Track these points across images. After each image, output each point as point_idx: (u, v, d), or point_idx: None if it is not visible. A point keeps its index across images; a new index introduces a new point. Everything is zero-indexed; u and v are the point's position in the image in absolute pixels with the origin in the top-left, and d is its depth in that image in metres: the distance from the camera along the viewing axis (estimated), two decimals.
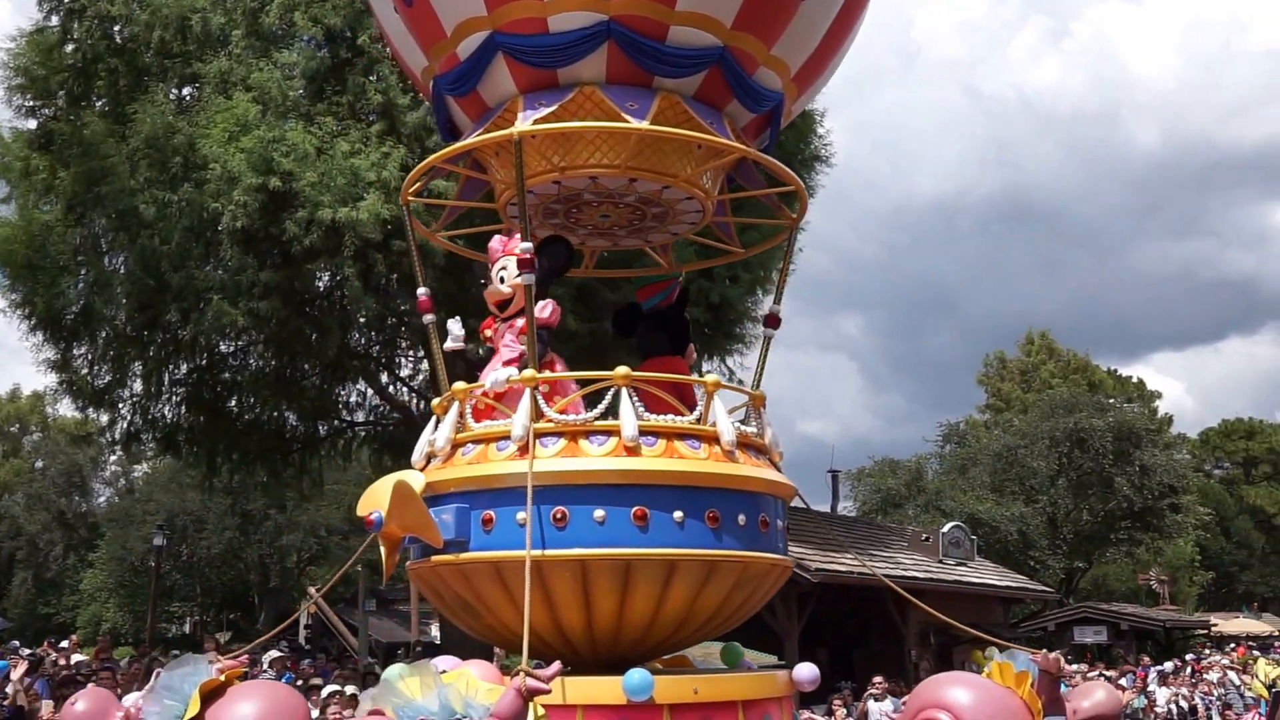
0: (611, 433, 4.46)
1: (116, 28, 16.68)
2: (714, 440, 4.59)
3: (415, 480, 4.43)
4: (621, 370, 4.60)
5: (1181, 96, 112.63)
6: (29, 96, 16.97)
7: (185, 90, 16.94)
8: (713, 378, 4.76)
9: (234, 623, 40.51)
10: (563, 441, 4.47)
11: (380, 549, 4.34)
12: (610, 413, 4.53)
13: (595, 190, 5.21)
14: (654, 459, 4.43)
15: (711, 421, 4.63)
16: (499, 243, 5.10)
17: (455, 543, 4.42)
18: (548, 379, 4.69)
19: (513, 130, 4.72)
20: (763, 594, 4.76)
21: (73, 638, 17.31)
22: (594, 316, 14.49)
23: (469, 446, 4.68)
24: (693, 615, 4.49)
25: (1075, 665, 17.34)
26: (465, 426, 4.77)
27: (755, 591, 4.68)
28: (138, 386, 18.16)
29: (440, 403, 5.00)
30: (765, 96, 5.09)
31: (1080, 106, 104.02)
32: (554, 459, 4.40)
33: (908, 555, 22.67)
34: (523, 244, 4.75)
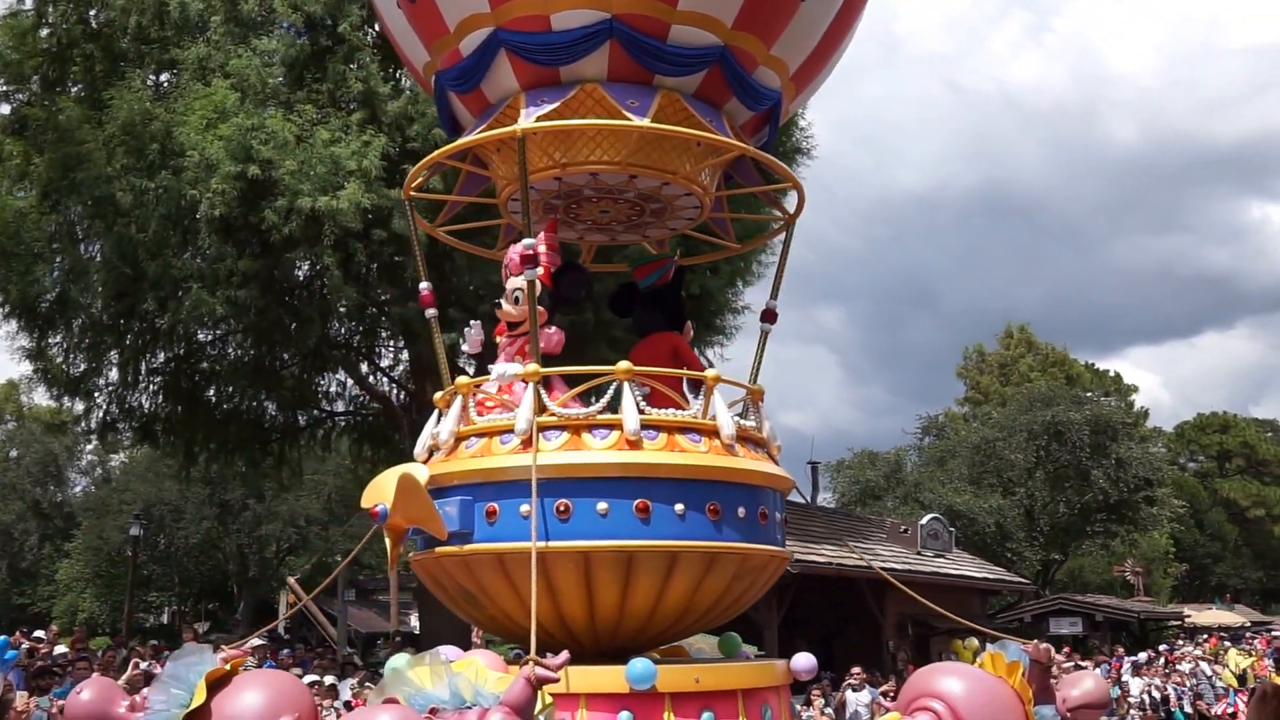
0: (613, 426, 4.51)
1: (92, 12, 16.44)
2: (714, 434, 4.65)
3: (420, 473, 4.46)
4: (623, 365, 4.66)
5: (1161, 93, 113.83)
6: (3, 81, 16.71)
7: (163, 76, 16.71)
8: (714, 373, 4.82)
9: (212, 613, 40.28)
10: (565, 435, 4.52)
11: (385, 541, 4.39)
12: (612, 407, 4.59)
13: (595, 186, 5.25)
14: (655, 452, 4.49)
15: (711, 415, 4.69)
16: (517, 254, 4.93)
17: (459, 534, 4.47)
18: (551, 373, 4.74)
19: (516, 127, 4.75)
20: (761, 585, 4.84)
21: (52, 628, 17.09)
22: (574, 310, 14.51)
23: (472, 440, 4.72)
24: (693, 606, 4.56)
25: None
26: (469, 420, 4.82)
27: (754, 583, 4.76)
28: (114, 375, 17.95)
29: (443, 396, 5.03)
30: (764, 95, 5.15)
31: (1061, 102, 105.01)
32: (557, 452, 4.46)
33: (886, 547, 22.87)
34: (525, 240, 4.78)
